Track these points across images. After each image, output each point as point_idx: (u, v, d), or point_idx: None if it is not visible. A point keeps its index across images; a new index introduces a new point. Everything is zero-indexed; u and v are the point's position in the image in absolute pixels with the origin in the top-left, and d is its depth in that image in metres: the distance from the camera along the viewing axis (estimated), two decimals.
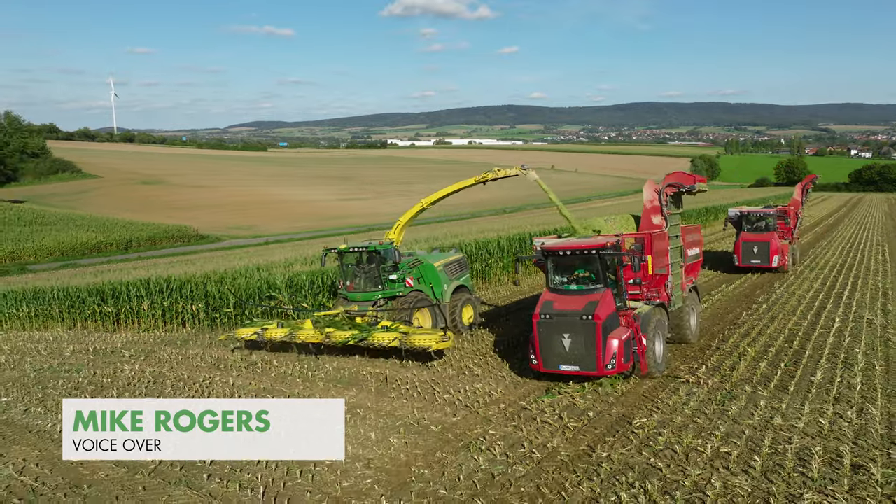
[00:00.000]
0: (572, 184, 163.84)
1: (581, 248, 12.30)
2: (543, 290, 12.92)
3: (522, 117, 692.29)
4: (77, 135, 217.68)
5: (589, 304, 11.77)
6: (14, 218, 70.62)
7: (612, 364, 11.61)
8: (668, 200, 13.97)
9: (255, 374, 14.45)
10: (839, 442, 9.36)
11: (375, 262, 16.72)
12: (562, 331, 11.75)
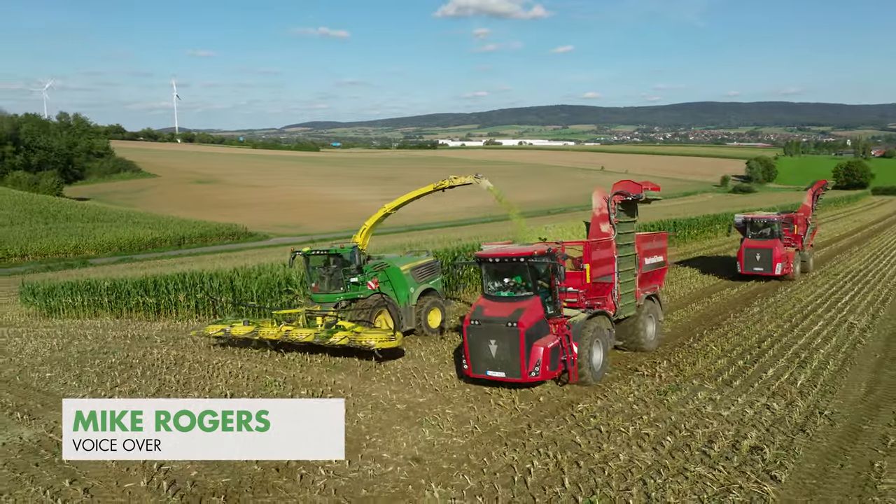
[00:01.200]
0: None
1: (510, 255, 12.56)
2: (478, 297, 13.30)
3: (575, 117, 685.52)
4: (141, 135, 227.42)
5: (516, 311, 11.96)
6: (78, 214, 75.39)
7: (536, 371, 11.76)
8: (615, 209, 14.05)
9: (260, 359, 16.16)
10: (753, 428, 10.38)
11: (338, 264, 17.23)
12: (489, 337, 11.98)
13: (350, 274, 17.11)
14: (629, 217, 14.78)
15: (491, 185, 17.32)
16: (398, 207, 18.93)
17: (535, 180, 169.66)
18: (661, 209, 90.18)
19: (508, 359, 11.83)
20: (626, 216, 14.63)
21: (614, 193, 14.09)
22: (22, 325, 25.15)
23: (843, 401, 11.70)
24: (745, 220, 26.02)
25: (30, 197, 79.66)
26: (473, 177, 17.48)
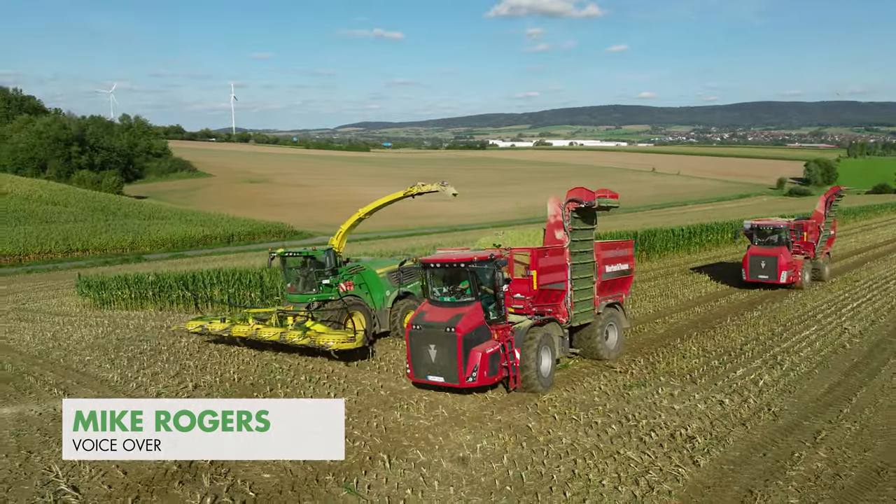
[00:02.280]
0: (671, 187, 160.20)
1: (451, 261, 12.66)
2: (424, 301, 13.42)
3: (629, 118, 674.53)
4: (199, 135, 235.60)
5: (455, 316, 12.05)
6: (136, 212, 79.52)
7: (474, 377, 11.83)
8: (570, 216, 13.92)
9: (272, 349, 17.65)
10: (697, 421, 11.23)
11: (311, 266, 17.68)
12: (429, 342, 12.10)
13: (323, 276, 17.53)
14: (586, 224, 14.59)
15: (455, 192, 17.95)
16: (372, 212, 19.28)
17: (583, 181, 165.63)
18: (702, 212, 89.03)
19: (447, 364, 11.87)
20: (583, 223, 14.46)
21: (568, 200, 13.94)
22: (76, 315, 27.39)
23: (798, 400, 12.36)
24: (753, 226, 25.65)
25: (93, 195, 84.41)
26: (439, 184, 17.95)
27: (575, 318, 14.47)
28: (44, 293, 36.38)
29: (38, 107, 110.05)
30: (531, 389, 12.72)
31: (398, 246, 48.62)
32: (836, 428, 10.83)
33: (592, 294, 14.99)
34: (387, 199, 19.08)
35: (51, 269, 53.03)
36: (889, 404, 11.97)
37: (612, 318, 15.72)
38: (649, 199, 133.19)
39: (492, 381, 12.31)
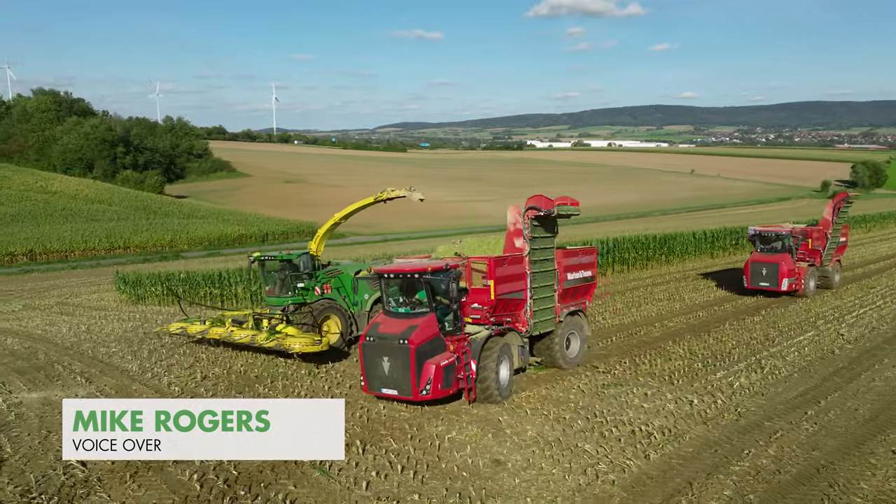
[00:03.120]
0: (710, 189, 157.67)
1: (405, 271, 12.45)
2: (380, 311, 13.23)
3: (671, 118, 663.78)
4: (240, 136, 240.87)
5: (408, 328, 11.89)
6: (176, 211, 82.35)
7: (427, 390, 11.65)
8: (529, 224, 13.72)
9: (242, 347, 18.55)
10: (662, 419, 11.85)
11: (287, 270, 17.90)
12: (382, 354, 11.94)
13: (299, 279, 17.80)
14: (547, 232, 14.39)
15: (422, 198, 18.15)
16: (346, 217, 19.55)
17: (619, 183, 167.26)
18: (738, 215, 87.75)
19: (400, 377, 11.71)
20: (544, 231, 14.26)
21: (527, 208, 13.78)
22: (112, 310, 29.02)
23: (767, 402, 12.84)
24: (755, 232, 25.28)
25: (135, 194, 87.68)
26: (407, 190, 18.19)
27: (535, 328, 14.32)
28: (85, 288, 38.35)
29: (87, 109, 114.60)
30: (489, 401, 12.62)
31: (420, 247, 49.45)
32: (794, 429, 11.33)
33: (554, 302, 14.86)
34: (359, 204, 19.28)
35: (94, 265, 55.52)
36: (854, 408, 12.37)
37: (574, 326, 15.61)
38: (686, 202, 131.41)
39: (446, 394, 12.10)
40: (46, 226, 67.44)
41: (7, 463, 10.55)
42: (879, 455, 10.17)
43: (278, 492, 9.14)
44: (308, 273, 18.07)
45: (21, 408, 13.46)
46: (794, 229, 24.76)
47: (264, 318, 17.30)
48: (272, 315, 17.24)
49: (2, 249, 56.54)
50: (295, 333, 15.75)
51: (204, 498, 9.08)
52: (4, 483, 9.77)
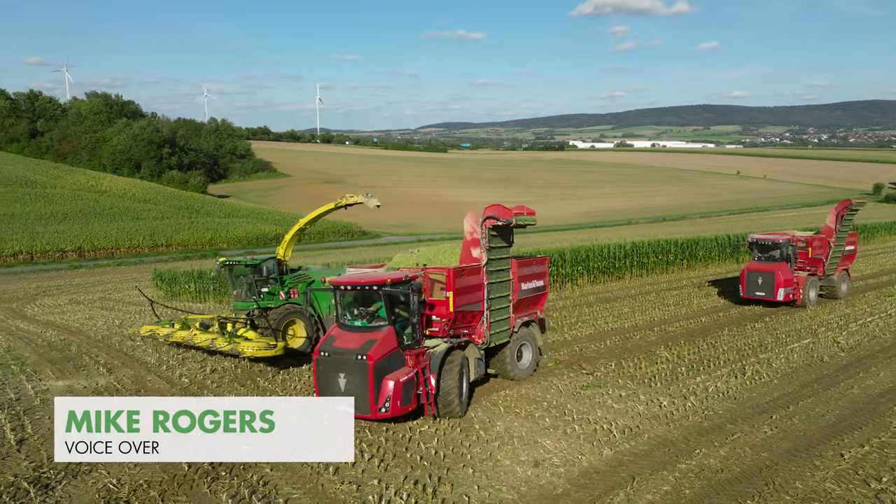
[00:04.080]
0: (755, 191, 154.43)
1: (363, 283, 11.87)
2: (333, 325, 12.59)
3: (719, 118, 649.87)
4: (284, 136, 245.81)
5: (366, 342, 11.49)
6: (217, 210, 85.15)
7: (386, 407, 11.21)
8: (487, 233, 13.57)
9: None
10: (629, 419, 12.48)
11: (252, 274, 18.20)
12: (338, 370, 11.39)
13: (264, 284, 18.18)
14: (503, 242, 14.26)
15: (378, 204, 18.75)
16: (311, 222, 20.10)
17: (660, 184, 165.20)
18: (781, 218, 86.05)
19: (357, 393, 11.11)
20: (501, 241, 14.12)
21: (485, 217, 13.60)
22: (147, 306, 30.74)
23: (738, 406, 13.30)
24: (753, 240, 24.83)
25: (179, 194, 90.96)
26: (364, 196, 18.77)
27: (492, 339, 14.18)
28: (127, 285, 40.34)
29: (137, 111, 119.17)
30: (451, 415, 12.39)
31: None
32: (753, 431, 11.81)
33: (509, 313, 14.74)
34: (321, 209, 19.78)
35: (137, 262, 58.08)
36: (821, 414, 12.74)
37: (527, 337, 15.54)
38: (727, 204, 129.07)
39: (406, 411, 11.72)
40: (95, 224, 70.66)
41: (26, 442, 11.84)
42: (826, 458, 10.61)
43: (254, 474, 10.13)
44: (274, 278, 18.39)
45: (46, 394, 14.83)
46: (793, 237, 24.30)
47: (229, 321, 17.66)
48: (237, 319, 17.60)
49: (53, 246, 59.55)
50: (253, 337, 16.08)
51: (190, 477, 10.13)
52: (21, 459, 11.02)
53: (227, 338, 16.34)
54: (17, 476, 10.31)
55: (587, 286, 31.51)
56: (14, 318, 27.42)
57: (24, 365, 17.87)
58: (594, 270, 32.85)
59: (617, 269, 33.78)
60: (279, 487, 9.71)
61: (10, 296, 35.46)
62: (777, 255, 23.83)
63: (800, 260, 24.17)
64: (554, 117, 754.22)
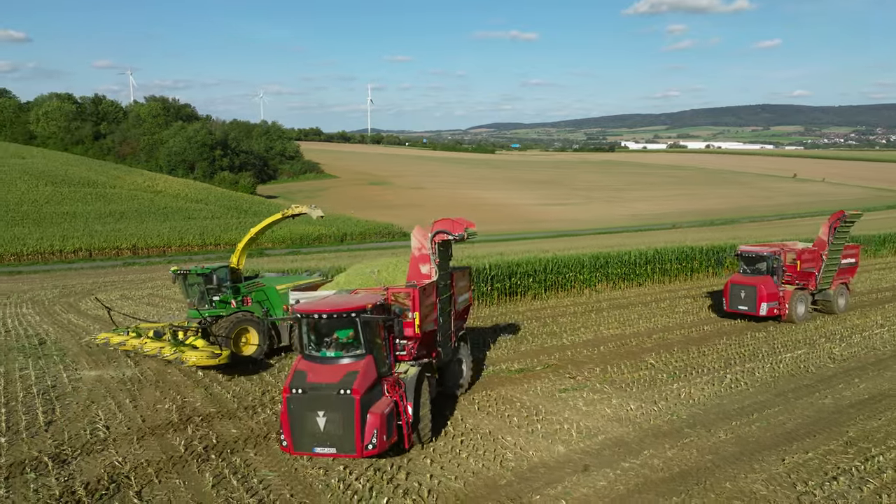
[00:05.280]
0: (812, 194, 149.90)
1: (339, 310, 10.91)
2: (297, 358, 11.46)
3: (779, 118, 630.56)
4: (335, 137, 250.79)
5: (347, 375, 10.55)
6: (264, 211, 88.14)
7: (373, 443, 10.36)
8: (436, 248, 13.34)
9: None
10: (592, 420, 13.35)
11: (205, 283, 18.36)
12: (316, 408, 10.32)
13: (216, 292, 18.38)
14: (447, 256, 14.19)
15: (322, 215, 19.44)
16: (261, 231, 20.44)
17: (712, 187, 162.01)
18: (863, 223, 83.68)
19: (340, 432, 10.28)
20: (445, 255, 14.05)
21: (436, 232, 13.30)
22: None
23: (702, 412, 13.96)
24: (739, 252, 24.14)
25: (229, 194, 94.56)
26: (308, 207, 19.40)
27: (445, 356, 13.96)
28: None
29: (192, 114, 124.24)
30: (425, 441, 11.92)
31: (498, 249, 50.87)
32: (708, 436, 12.52)
33: (451, 328, 14.68)
34: (270, 219, 20.22)
35: (187, 260, 60.95)
36: (783, 422, 13.30)
37: (462, 349, 15.43)
38: (781, 208, 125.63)
39: (390, 444, 10.90)
40: (149, 223, 74.37)
41: (54, 424, 13.52)
42: (767, 462, 11.28)
43: (239, 458, 11.49)
44: (226, 286, 18.64)
45: (78, 382, 16.61)
46: (783, 249, 23.44)
47: (181, 330, 17.86)
48: (188, 327, 17.89)
49: (110, 244, 63.09)
50: (201, 346, 16.39)
51: (185, 458, 11.55)
52: (47, 437, 12.68)
53: (175, 346, 16.39)
54: (40, 452, 11.95)
55: (606, 292, 32.02)
56: (69, 311, 29.69)
57: (65, 356, 19.76)
58: (613, 276, 33.30)
59: (637, 275, 34.14)
60: (258, 470, 11.05)
61: (69, 290, 38.09)
62: (763, 267, 23.13)
63: (788, 273, 23.32)
64: (606, 118, 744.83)
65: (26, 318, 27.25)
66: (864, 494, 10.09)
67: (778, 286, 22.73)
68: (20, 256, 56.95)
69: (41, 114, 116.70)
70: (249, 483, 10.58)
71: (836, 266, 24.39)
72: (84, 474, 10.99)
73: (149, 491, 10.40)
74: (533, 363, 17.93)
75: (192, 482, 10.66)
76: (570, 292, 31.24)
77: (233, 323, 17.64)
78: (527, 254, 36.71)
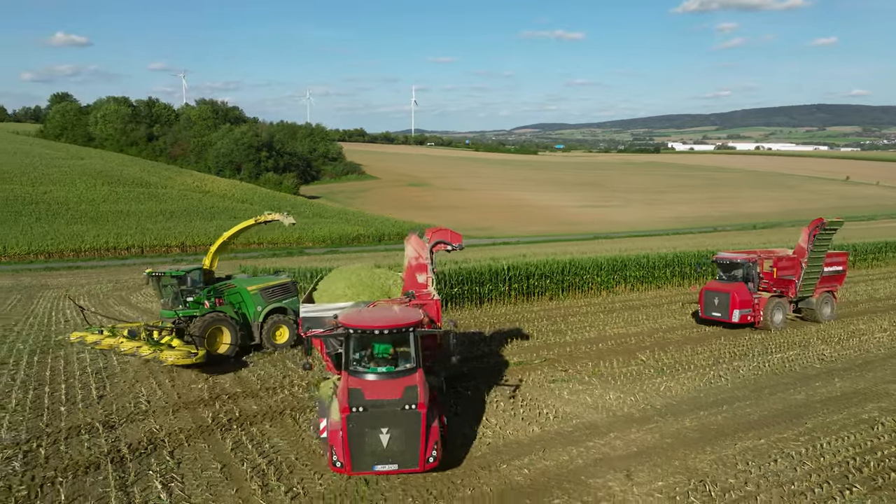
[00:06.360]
0: (863, 198, 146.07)
1: (397, 325, 11.02)
2: (341, 375, 11.22)
3: (835, 118, 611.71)
4: (379, 138, 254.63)
5: (407, 389, 10.61)
6: (306, 211, 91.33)
7: (434, 456, 10.53)
8: (433, 258, 13.88)
9: None
10: (570, 406, 14.81)
11: (178, 285, 18.97)
12: (380, 424, 10.33)
13: (189, 293, 19.04)
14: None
15: (293, 222, 20.24)
16: (234, 236, 20.95)
17: (760, 190, 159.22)
18: (885, 229, 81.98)
19: (403, 448, 10.35)
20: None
21: (436, 242, 13.62)
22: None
23: (675, 403, 15.25)
24: (715, 259, 24.38)
25: (273, 195, 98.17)
26: (281, 214, 20.27)
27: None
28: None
29: (240, 116, 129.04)
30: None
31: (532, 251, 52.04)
32: (674, 423, 13.86)
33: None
34: (242, 225, 20.91)
35: (231, 257, 64.04)
36: (750, 414, 14.46)
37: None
38: (833, 212, 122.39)
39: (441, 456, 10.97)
40: (197, 221, 78.08)
41: (104, 398, 15.74)
42: (721, 446, 12.57)
43: (257, 428, 13.42)
44: (199, 287, 19.30)
45: (126, 365, 18.86)
46: (759, 256, 23.53)
47: (155, 329, 18.60)
48: (163, 327, 18.70)
49: (160, 241, 66.76)
50: (177, 345, 17.08)
51: (211, 427, 13.54)
52: (98, 408, 14.89)
53: (151, 346, 17.08)
54: (92, 419, 14.12)
55: (623, 294, 33.11)
56: (121, 304, 32.38)
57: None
58: (631, 279, 34.34)
59: (656, 278, 35.10)
60: (270, 438, 12.94)
61: (122, 285, 41.09)
62: (739, 274, 23.32)
63: (765, 280, 23.44)
64: (654, 118, 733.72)
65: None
66: (797, 474, 11.34)
67: (752, 293, 22.92)
68: (78, 252, 60.87)
69: (99, 117, 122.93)
70: (262, 448, 12.49)
71: (818, 274, 24.25)
72: (128, 437, 13.08)
73: (179, 452, 12.40)
74: (532, 357, 19.44)
75: (216, 446, 12.63)
76: (587, 294, 32.43)
77: (206, 323, 18.39)
78: (553, 256, 38.03)
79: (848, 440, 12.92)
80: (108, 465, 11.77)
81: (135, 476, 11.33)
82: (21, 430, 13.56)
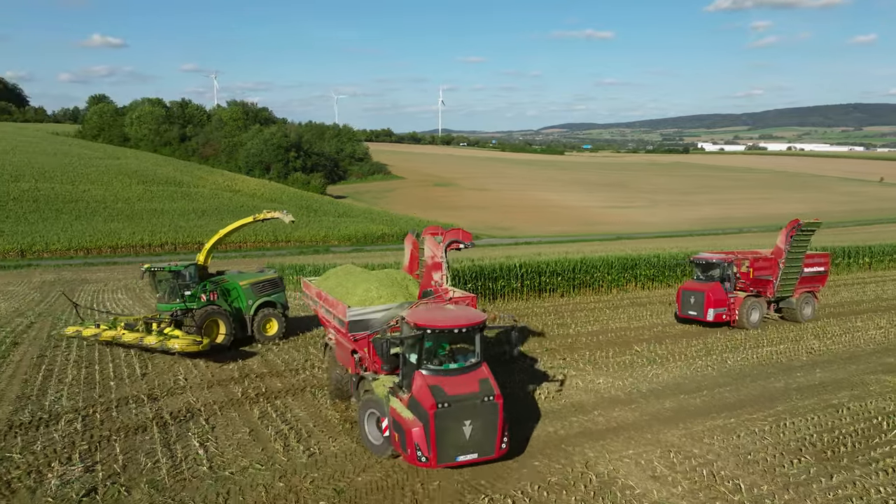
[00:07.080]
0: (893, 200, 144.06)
1: (470, 324, 11.62)
2: (415, 374, 11.52)
3: (873, 118, 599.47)
4: (406, 138, 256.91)
5: (482, 382, 11.40)
6: (332, 210, 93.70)
7: (505, 442, 11.48)
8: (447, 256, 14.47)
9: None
10: (554, 385, 16.30)
11: (175, 279, 20.02)
12: (463, 417, 11.00)
13: (186, 288, 20.05)
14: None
15: (293, 220, 21.01)
16: (229, 233, 22.08)
17: (790, 191, 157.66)
18: (885, 232, 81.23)
19: (482, 438, 11.13)
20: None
21: (450, 241, 14.16)
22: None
23: (660, 389, 16.68)
24: (693, 259, 25.02)
25: (301, 194, 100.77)
26: (280, 212, 21.25)
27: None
28: None
29: (269, 117, 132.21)
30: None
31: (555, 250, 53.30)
32: (655, 404, 15.32)
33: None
34: (240, 222, 21.92)
35: (259, 255, 66.43)
36: (727, 398, 15.87)
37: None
38: (865, 214, 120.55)
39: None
40: (228, 220, 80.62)
41: (147, 375, 17.72)
42: (693, 423, 14.01)
43: (281, 401, 15.24)
44: (195, 282, 20.32)
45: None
46: (736, 257, 24.19)
47: (154, 321, 19.61)
48: (161, 319, 19.68)
49: (192, 239, 69.44)
50: (180, 335, 18.26)
51: (241, 400, 15.39)
52: (143, 384, 16.88)
53: (157, 336, 18.31)
54: (138, 392, 16.09)
55: (634, 291, 34.31)
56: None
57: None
58: (642, 278, 35.55)
59: (666, 277, 36.23)
60: (292, 409, 14.75)
61: None
62: (716, 274, 23.90)
63: (742, 280, 24.04)
64: (684, 118, 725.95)
65: (121, 302, 32.25)
66: (756, 447, 12.74)
67: (728, 293, 23.49)
68: (115, 248, 63.81)
69: (135, 117, 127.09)
70: (285, 417, 14.31)
71: (797, 274, 24.70)
72: (169, 407, 15.00)
73: (213, 419, 14.27)
74: (533, 347, 20.97)
75: (245, 415, 14.49)
76: (598, 291, 33.72)
77: (204, 315, 19.59)
78: (567, 254, 39.38)
79: (811, 421, 14.25)
80: (153, 427, 13.70)
81: (176, 437, 13.23)
82: (78, 399, 15.56)
